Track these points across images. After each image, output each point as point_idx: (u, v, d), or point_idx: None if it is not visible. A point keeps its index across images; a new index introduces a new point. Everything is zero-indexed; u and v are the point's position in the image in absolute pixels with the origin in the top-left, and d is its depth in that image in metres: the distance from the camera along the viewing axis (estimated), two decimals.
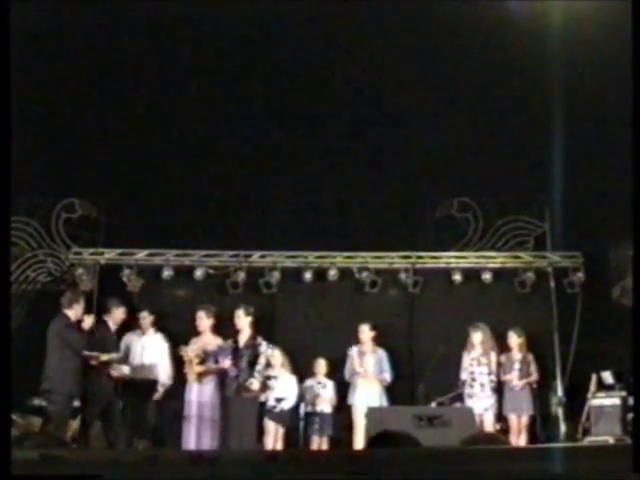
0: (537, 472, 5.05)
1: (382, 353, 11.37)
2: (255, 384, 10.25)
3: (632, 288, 9.45)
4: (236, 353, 10.44)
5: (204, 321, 11.06)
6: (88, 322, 9.92)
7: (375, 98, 12.13)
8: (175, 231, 12.05)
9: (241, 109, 12.10)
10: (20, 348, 11.15)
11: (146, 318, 11.18)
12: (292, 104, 12.07)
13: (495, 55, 11.56)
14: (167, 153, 12.23)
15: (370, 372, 11.20)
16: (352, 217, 12.08)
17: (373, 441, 7.54)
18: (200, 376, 10.70)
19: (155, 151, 12.17)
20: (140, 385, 10.60)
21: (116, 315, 10.56)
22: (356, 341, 11.39)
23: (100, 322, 10.28)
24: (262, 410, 10.68)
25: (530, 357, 11.29)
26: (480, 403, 10.97)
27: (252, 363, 10.32)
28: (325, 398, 11.13)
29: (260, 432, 10.63)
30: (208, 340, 10.98)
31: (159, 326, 11.35)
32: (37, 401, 10.22)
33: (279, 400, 10.74)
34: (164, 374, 10.99)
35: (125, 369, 10.27)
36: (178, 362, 10.95)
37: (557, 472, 5.03)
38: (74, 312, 9.87)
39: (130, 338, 11.09)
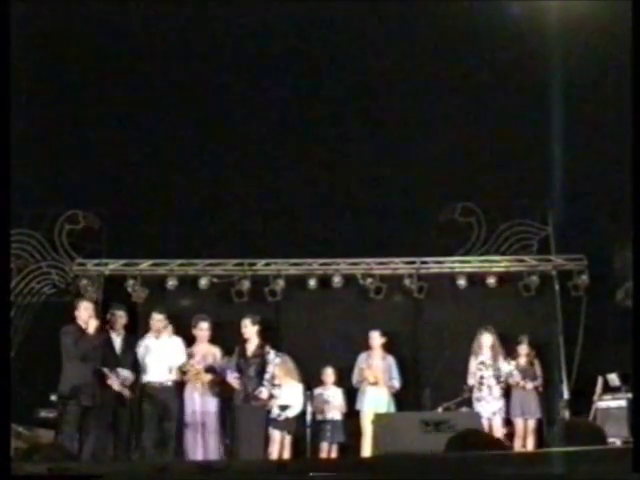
0: (536, 474, 5.04)
1: (391, 360, 11.34)
2: (264, 393, 10.24)
3: (633, 287, 9.44)
4: (243, 364, 10.42)
5: (207, 332, 11.02)
6: (92, 325, 9.85)
7: (379, 104, 12.13)
8: (178, 241, 12.05)
9: (243, 119, 12.10)
10: (25, 360, 11.20)
11: (161, 321, 10.86)
12: (294, 110, 12.08)
13: (497, 59, 11.58)
14: (169, 163, 12.23)
15: (379, 379, 11.18)
16: (355, 223, 12.06)
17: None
18: (205, 386, 10.67)
19: (157, 161, 12.18)
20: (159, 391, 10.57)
21: (119, 320, 10.52)
22: (363, 347, 11.38)
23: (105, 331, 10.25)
24: (267, 419, 10.67)
25: (536, 362, 11.29)
26: (488, 407, 10.96)
27: (260, 372, 10.31)
28: (335, 405, 11.13)
29: (266, 441, 10.62)
30: (207, 350, 10.95)
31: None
32: (44, 413, 10.21)
33: (283, 408, 10.69)
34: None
35: (129, 376, 10.21)
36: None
37: (557, 473, 5.02)
38: (80, 318, 9.86)
39: (144, 342, 10.83)
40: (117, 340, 10.39)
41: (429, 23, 11.45)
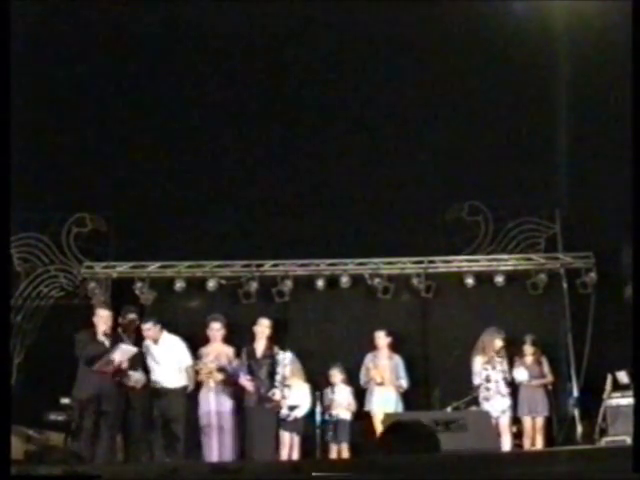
0: (537, 474, 5.05)
1: (398, 359, 11.32)
2: (277, 394, 10.23)
3: (632, 288, 9.44)
4: (254, 366, 10.41)
5: (219, 332, 10.99)
6: (106, 332, 9.90)
7: (385, 104, 12.13)
8: (186, 242, 12.06)
9: (251, 120, 12.12)
10: (34, 363, 11.24)
11: (151, 329, 10.68)
12: (300, 110, 12.09)
13: (504, 58, 11.57)
14: (176, 165, 12.25)
15: (386, 378, 11.17)
16: (362, 223, 12.06)
17: (387, 432, 7.49)
18: (218, 387, 10.65)
19: (163, 163, 12.20)
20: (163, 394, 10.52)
21: (131, 324, 10.52)
22: (371, 348, 11.37)
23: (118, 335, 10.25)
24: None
25: (543, 360, 11.26)
26: (497, 406, 10.93)
27: (271, 373, 10.30)
28: (341, 403, 11.04)
29: (276, 442, 10.60)
30: (220, 350, 10.93)
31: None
32: (54, 416, 10.22)
33: (292, 408, 10.67)
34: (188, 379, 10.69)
35: (141, 378, 10.20)
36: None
37: (557, 473, 5.04)
38: (95, 324, 9.93)
39: (146, 346, 10.73)
40: (129, 343, 10.39)
41: (435, 22, 11.45)
